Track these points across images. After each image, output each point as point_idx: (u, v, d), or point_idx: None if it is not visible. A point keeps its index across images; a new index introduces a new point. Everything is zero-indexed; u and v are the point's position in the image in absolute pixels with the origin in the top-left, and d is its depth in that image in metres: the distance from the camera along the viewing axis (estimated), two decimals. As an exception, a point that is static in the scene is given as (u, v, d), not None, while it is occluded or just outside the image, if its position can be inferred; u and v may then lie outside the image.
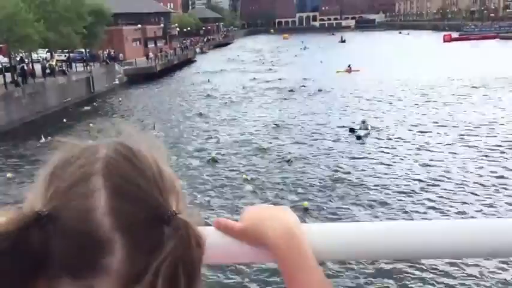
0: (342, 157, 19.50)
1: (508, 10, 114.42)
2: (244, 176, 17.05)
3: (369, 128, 22.26)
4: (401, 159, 18.57)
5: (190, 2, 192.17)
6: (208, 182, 17.09)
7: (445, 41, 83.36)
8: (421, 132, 22.55)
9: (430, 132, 22.48)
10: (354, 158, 19.28)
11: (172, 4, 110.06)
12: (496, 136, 21.17)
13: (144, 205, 0.57)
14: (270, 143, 22.05)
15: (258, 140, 22.81)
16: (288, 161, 18.81)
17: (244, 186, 16.28)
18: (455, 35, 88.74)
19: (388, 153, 19.52)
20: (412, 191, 15.29)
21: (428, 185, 15.73)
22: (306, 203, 14.40)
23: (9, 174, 18.23)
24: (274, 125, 25.69)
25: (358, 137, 21.44)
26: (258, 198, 15.23)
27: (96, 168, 0.57)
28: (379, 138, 21.70)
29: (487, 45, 70.77)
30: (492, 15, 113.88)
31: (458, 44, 77.02)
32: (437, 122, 24.30)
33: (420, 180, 16.11)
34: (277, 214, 0.74)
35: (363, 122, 22.60)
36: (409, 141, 21.03)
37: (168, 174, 0.63)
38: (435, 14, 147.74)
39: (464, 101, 29.98)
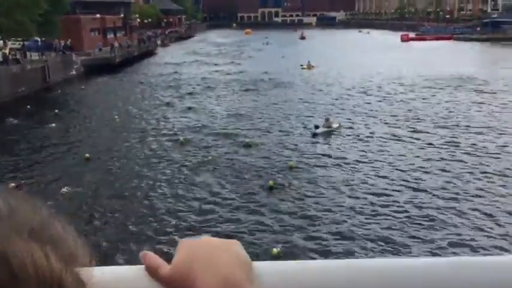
0: (299, 148, 20.02)
1: (462, 12, 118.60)
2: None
3: (333, 126, 22.39)
4: (362, 156, 18.95)
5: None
6: (176, 164, 18.14)
7: (402, 40, 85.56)
8: (381, 129, 23.07)
9: (390, 128, 23.03)
10: (310, 151, 19.64)
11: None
12: (450, 130, 21.99)
13: None
14: (231, 129, 23.25)
15: (220, 127, 23.93)
16: (246, 145, 20.26)
17: (207, 168, 17.61)
18: (412, 34, 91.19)
19: (344, 150, 19.88)
20: (362, 183, 15.67)
21: (382, 182, 16.14)
22: (271, 182, 15.36)
23: None
24: (236, 114, 26.76)
25: (314, 134, 21.64)
26: (217, 178, 16.50)
27: None
28: (342, 136, 22.03)
29: (442, 46, 73.19)
30: (447, 16, 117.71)
31: (416, 44, 79.26)
32: (397, 118, 24.95)
33: (377, 176, 16.52)
34: (217, 257, 0.58)
35: (327, 119, 22.69)
36: (369, 137, 21.48)
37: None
38: (393, 14, 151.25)
39: (421, 97, 30.92)
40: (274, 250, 11.15)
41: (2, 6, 30.62)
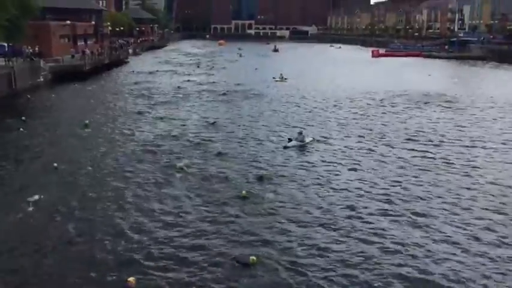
0: (271, 159, 19.98)
1: (430, 30, 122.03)
2: (179, 165, 18.36)
3: (305, 140, 22.26)
4: (333, 169, 18.91)
5: (124, 2, 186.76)
6: (145, 172, 18.00)
7: (373, 55, 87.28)
8: (353, 142, 23.17)
9: (362, 141, 23.15)
10: (282, 162, 19.49)
11: (105, 2, 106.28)
12: (420, 144, 22.24)
13: None
14: (203, 139, 23.23)
15: (192, 136, 23.82)
16: (219, 153, 20.40)
17: (176, 174, 17.65)
18: (382, 50, 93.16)
19: (316, 162, 19.82)
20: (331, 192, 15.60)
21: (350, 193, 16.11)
22: (244, 192, 15.50)
23: None
24: (207, 123, 26.88)
25: (286, 147, 21.54)
26: (189, 187, 16.54)
27: None
28: (314, 149, 21.98)
29: (411, 62, 74.93)
30: (416, 34, 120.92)
31: (386, 59, 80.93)
32: (368, 132, 25.12)
33: (346, 190, 16.48)
34: None
35: (300, 133, 22.55)
36: (340, 151, 21.51)
37: None
38: (364, 30, 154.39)
39: (392, 111, 31.31)
40: (252, 258, 11.20)
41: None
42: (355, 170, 18.79)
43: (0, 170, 18.03)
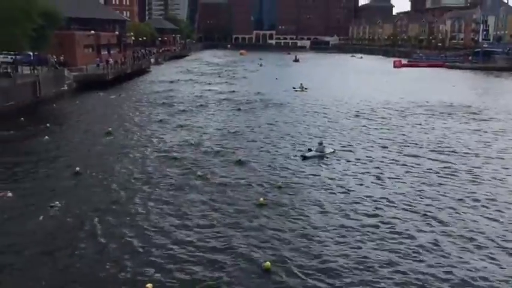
0: (289, 168, 19.95)
1: (453, 41, 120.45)
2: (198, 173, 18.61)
3: (325, 150, 22.02)
4: (354, 179, 18.62)
5: (147, 12, 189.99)
6: (165, 179, 18.13)
7: (395, 66, 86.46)
8: (374, 153, 22.82)
9: (383, 153, 22.79)
10: (300, 172, 19.39)
11: (128, 12, 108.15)
12: (443, 156, 21.77)
13: None
14: (223, 147, 23.30)
15: (211, 144, 23.96)
16: (238, 161, 20.41)
17: (196, 181, 17.81)
18: (404, 61, 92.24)
19: (336, 172, 19.56)
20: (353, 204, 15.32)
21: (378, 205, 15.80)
22: (262, 200, 15.60)
23: None
24: (227, 132, 26.98)
25: (304, 157, 21.32)
26: (208, 194, 16.65)
27: None
28: (333, 159, 21.73)
29: (435, 73, 73.91)
30: (439, 44, 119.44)
31: (408, 70, 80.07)
32: (390, 143, 24.74)
33: (369, 197, 16.19)
34: None
35: (320, 143, 22.32)
36: (361, 161, 21.20)
37: None
38: (386, 40, 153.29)
39: (415, 122, 30.80)
40: (267, 264, 11.38)
41: (-5, 19, 30.32)
42: (377, 180, 18.47)
43: (25, 174, 18.48)
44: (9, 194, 15.25)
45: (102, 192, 16.57)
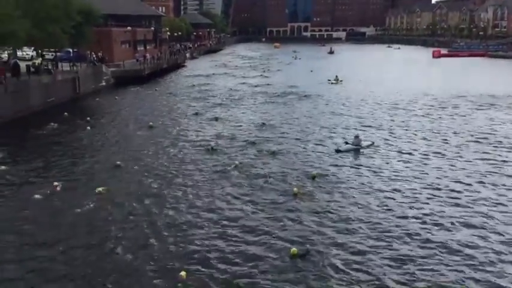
0: (324, 160, 19.80)
1: (496, 29, 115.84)
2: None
3: (362, 144, 21.53)
4: (392, 173, 18.16)
5: (182, 7, 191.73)
6: (202, 170, 18.54)
7: (434, 56, 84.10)
8: (414, 146, 22.19)
9: (424, 145, 22.13)
10: (336, 162, 19.09)
11: (164, 8, 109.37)
12: (487, 148, 20.95)
13: None
14: (258, 139, 23.58)
15: (245, 135, 24.36)
16: (273, 153, 20.62)
17: (232, 172, 18.11)
18: (444, 51, 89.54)
19: (372, 165, 19.11)
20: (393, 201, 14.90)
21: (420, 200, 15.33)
22: (295, 189, 15.74)
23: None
24: (261, 124, 27.11)
25: (338, 151, 20.98)
26: (244, 183, 16.99)
27: None
28: (374, 152, 21.26)
29: (476, 62, 71.37)
30: (481, 33, 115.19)
31: (448, 60, 77.67)
32: (432, 135, 24.02)
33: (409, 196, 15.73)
34: None
35: (356, 136, 21.86)
36: (400, 154, 20.65)
37: None
38: (425, 30, 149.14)
39: (455, 113, 29.81)
40: (293, 250, 11.60)
41: (35, 18, 31.17)
42: (417, 173, 17.92)
43: (70, 165, 19.32)
44: (58, 188, 15.95)
45: (140, 182, 17.05)
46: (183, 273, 10.45)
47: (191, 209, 14.67)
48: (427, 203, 14.99)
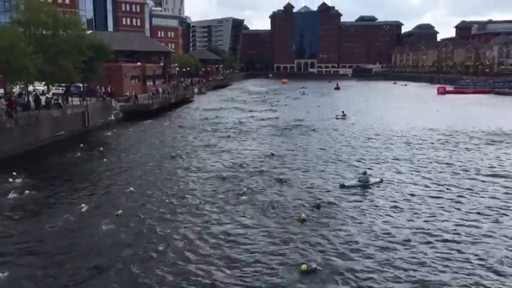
0: (331, 194, 19.97)
1: (502, 67, 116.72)
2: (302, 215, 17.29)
3: (370, 180, 21.29)
4: (396, 209, 17.95)
5: (191, 44, 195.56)
6: (212, 197, 19.47)
7: (439, 93, 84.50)
8: (420, 182, 22.01)
9: (431, 181, 21.93)
10: (341, 197, 18.93)
11: (173, 44, 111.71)
12: (497, 185, 20.69)
13: None
14: (265, 167, 24.68)
15: (255, 165, 25.32)
16: (280, 181, 21.52)
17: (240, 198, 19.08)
18: (449, 87, 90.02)
19: (375, 200, 18.93)
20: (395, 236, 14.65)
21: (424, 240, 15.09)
22: (303, 215, 16.48)
23: None
24: (267, 156, 27.81)
25: (342, 186, 20.86)
26: (253, 210, 17.75)
27: None
28: (379, 188, 21.09)
29: (483, 100, 71.48)
30: (487, 70, 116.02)
31: (453, 96, 77.93)
32: (439, 171, 23.84)
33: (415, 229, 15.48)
34: None
35: (364, 173, 21.71)
36: (406, 191, 20.45)
37: None
38: (431, 67, 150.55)
39: (464, 150, 29.66)
40: (303, 266, 12.33)
41: (48, 53, 31.89)
42: (419, 212, 17.68)
43: (85, 191, 20.31)
44: (82, 210, 17.18)
45: (154, 207, 18.00)
46: None
47: (202, 231, 15.47)
48: (437, 245, 14.71)
